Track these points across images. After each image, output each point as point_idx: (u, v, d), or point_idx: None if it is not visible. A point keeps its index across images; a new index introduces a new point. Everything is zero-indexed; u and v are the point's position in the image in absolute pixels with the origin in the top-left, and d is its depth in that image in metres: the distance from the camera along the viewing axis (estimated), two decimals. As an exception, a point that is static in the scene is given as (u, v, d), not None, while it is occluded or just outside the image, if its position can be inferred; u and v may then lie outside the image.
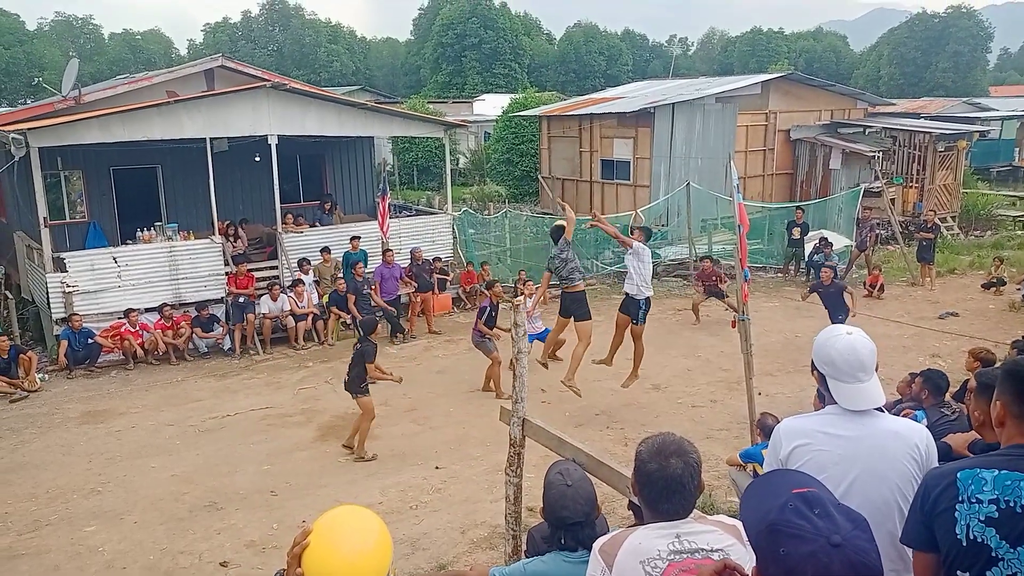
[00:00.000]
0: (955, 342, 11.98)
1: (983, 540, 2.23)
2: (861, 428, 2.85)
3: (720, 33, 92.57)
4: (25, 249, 14.27)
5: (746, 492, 1.72)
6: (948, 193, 22.31)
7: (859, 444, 2.82)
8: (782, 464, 2.97)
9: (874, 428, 2.85)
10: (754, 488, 1.74)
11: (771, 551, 1.52)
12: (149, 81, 15.45)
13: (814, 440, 2.89)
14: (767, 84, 22.87)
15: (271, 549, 6.86)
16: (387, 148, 30.44)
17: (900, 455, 2.79)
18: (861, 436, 2.83)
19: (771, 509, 1.56)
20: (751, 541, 1.61)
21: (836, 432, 2.86)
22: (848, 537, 1.49)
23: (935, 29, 62.36)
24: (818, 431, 2.91)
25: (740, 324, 7.92)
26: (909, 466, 2.79)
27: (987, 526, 2.23)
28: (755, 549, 1.60)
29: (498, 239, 18.12)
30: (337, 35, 72.28)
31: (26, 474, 8.70)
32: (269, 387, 11.49)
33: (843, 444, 2.83)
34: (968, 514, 2.26)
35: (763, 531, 1.55)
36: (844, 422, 2.87)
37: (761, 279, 17.22)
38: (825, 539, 1.48)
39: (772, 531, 1.53)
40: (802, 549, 1.47)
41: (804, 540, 1.48)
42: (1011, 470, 2.25)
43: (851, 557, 1.47)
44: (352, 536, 1.79)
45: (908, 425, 2.93)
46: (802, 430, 2.95)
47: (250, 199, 16.56)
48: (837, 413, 2.90)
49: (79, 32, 74.00)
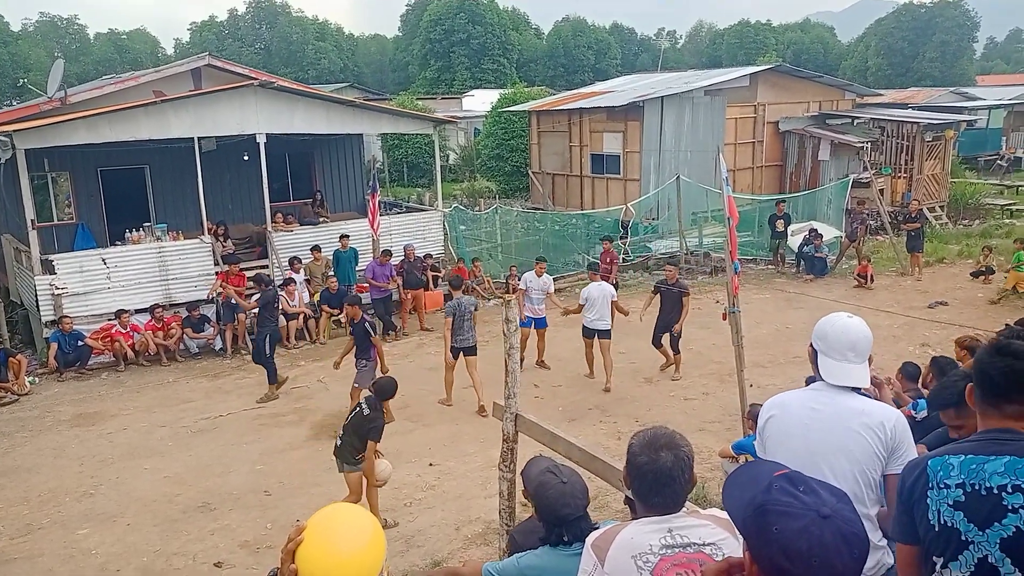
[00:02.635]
0: (945, 331, 12.05)
1: (952, 524, 2.28)
2: (832, 404, 3.03)
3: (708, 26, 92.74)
4: (13, 252, 14.18)
5: (727, 483, 1.74)
6: (936, 183, 22.41)
7: (826, 417, 3.02)
8: (760, 434, 3.22)
9: (844, 404, 3.02)
10: (734, 477, 1.76)
11: (763, 531, 1.54)
12: (136, 81, 15.36)
13: (787, 411, 3.12)
14: (755, 76, 22.91)
15: (265, 549, 6.86)
16: (377, 145, 30.35)
17: (862, 429, 2.95)
18: (831, 410, 3.02)
19: (756, 492, 1.59)
20: (739, 528, 1.63)
21: (810, 405, 3.07)
22: (836, 509, 1.53)
23: (922, 19, 62.56)
24: (793, 403, 3.14)
25: (731, 316, 7.95)
26: (871, 441, 2.94)
27: (955, 510, 2.28)
28: (745, 534, 1.61)
29: (489, 235, 18.10)
30: (325, 32, 71.98)
31: (18, 478, 8.66)
32: (262, 387, 11.44)
33: (812, 416, 3.04)
34: (938, 499, 2.32)
35: (752, 514, 1.57)
36: (820, 396, 3.08)
37: (752, 271, 17.27)
38: (815, 512, 1.51)
39: (761, 512, 1.55)
40: (793, 525, 1.50)
41: (794, 516, 1.51)
42: (976, 454, 2.30)
43: (841, 528, 1.51)
44: (346, 533, 1.79)
45: (878, 407, 3.08)
46: (779, 402, 3.19)
47: (239, 198, 16.49)
48: (818, 389, 3.11)
49: (64, 32, 73.52)
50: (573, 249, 18.04)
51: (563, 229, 18.52)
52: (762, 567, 1.56)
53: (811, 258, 16.72)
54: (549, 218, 19.29)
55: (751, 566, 1.60)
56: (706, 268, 17.45)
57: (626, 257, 17.94)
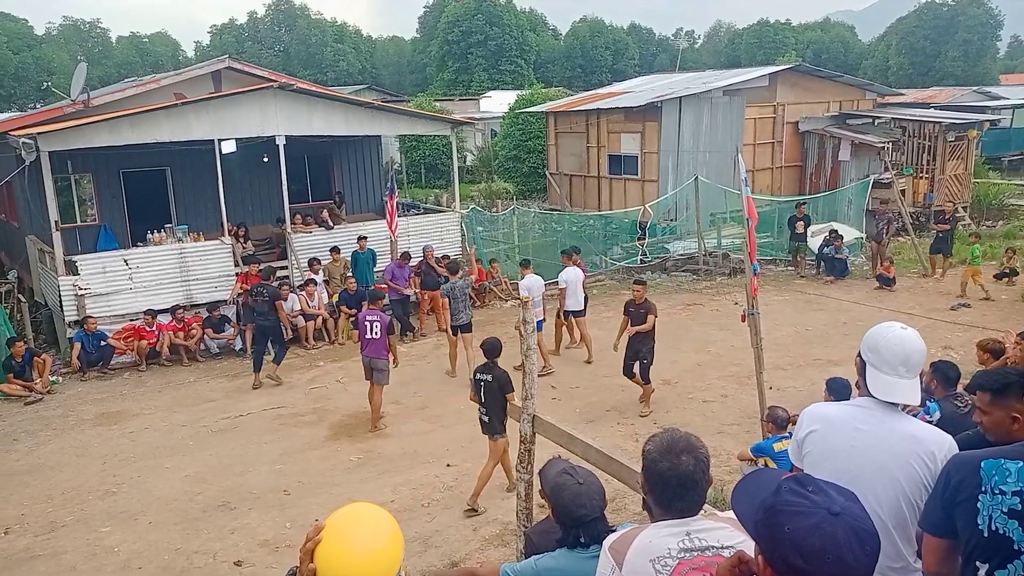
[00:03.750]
0: (967, 333, 11.90)
1: (1005, 532, 2.20)
2: (880, 425, 2.80)
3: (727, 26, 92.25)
4: (37, 253, 14.38)
5: (735, 490, 1.76)
6: (959, 183, 22.12)
7: (873, 440, 2.78)
8: (799, 445, 2.97)
9: (893, 427, 2.79)
10: (743, 485, 1.78)
11: (775, 532, 1.55)
12: (157, 84, 15.51)
13: (831, 428, 2.88)
14: (775, 76, 22.75)
15: (284, 548, 6.90)
16: (394, 147, 30.47)
17: (912, 458, 2.73)
18: (878, 433, 2.79)
19: (766, 496, 1.61)
20: (751, 532, 1.64)
21: (856, 424, 2.84)
22: (845, 507, 1.54)
23: (944, 18, 61.86)
24: (838, 419, 2.90)
25: (750, 318, 7.90)
26: (920, 471, 2.71)
27: (1010, 518, 2.20)
28: (757, 538, 1.62)
29: (506, 236, 18.12)
30: (343, 34, 72.38)
31: (42, 476, 8.78)
32: (281, 387, 11.54)
33: (858, 437, 2.81)
34: (991, 505, 2.23)
35: (763, 517, 1.59)
36: (867, 416, 2.83)
37: (771, 273, 17.16)
38: (825, 510, 1.53)
39: (773, 513, 1.57)
40: (805, 523, 1.52)
41: (805, 515, 1.53)
42: None
43: (852, 524, 1.52)
44: (365, 533, 1.80)
45: (930, 432, 2.85)
46: (823, 416, 2.95)
47: (258, 200, 16.62)
48: (865, 406, 2.87)
49: (87, 36, 74.43)
50: (591, 250, 18.01)
51: (580, 230, 18.48)
52: (776, 568, 1.57)
53: (831, 259, 16.59)
54: (566, 219, 19.27)
55: (765, 569, 1.60)
56: (724, 270, 17.35)
57: (644, 258, 17.89)
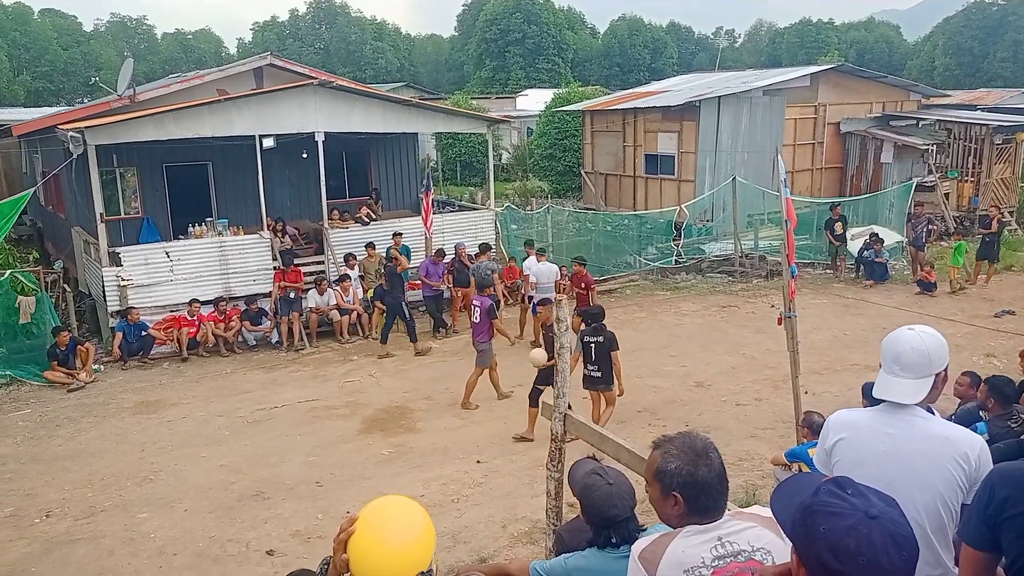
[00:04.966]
0: (1011, 341, 11.62)
1: None
2: (910, 428, 2.77)
3: (768, 25, 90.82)
4: (82, 244, 14.74)
5: (776, 492, 1.76)
6: (1005, 187, 21.58)
7: (904, 443, 2.75)
8: (827, 454, 2.96)
9: (923, 430, 2.77)
10: (783, 487, 1.78)
11: (810, 532, 1.56)
12: (200, 80, 15.78)
13: (859, 434, 2.86)
14: (816, 76, 22.38)
15: (316, 539, 6.99)
16: (431, 144, 30.61)
17: (946, 460, 2.69)
18: (908, 436, 2.76)
19: (804, 497, 1.61)
20: (787, 532, 1.65)
21: (883, 429, 2.81)
22: (883, 511, 1.54)
23: (993, 18, 60.26)
24: (865, 426, 2.87)
25: (786, 321, 7.80)
26: (955, 473, 2.68)
27: None
28: (793, 537, 1.63)
29: (540, 234, 18.10)
30: (382, 32, 72.84)
31: (83, 461, 9.00)
32: (315, 380, 11.68)
33: (888, 441, 2.78)
34: None
35: (800, 516, 1.59)
36: (893, 420, 2.81)
37: (809, 275, 16.91)
38: (863, 512, 1.53)
39: (809, 513, 1.57)
40: (841, 524, 1.52)
41: (842, 516, 1.53)
42: None
43: (889, 528, 1.52)
44: (398, 525, 1.82)
45: (961, 432, 2.82)
46: (850, 423, 2.93)
47: (297, 195, 16.82)
48: (887, 410, 2.84)
49: (133, 32, 75.88)
50: (624, 250, 17.92)
51: (615, 230, 18.40)
52: (810, 568, 1.57)
53: (871, 263, 16.30)
54: (601, 218, 19.19)
55: (799, 569, 1.60)
56: (761, 272, 17.15)
57: (679, 259, 17.76)
